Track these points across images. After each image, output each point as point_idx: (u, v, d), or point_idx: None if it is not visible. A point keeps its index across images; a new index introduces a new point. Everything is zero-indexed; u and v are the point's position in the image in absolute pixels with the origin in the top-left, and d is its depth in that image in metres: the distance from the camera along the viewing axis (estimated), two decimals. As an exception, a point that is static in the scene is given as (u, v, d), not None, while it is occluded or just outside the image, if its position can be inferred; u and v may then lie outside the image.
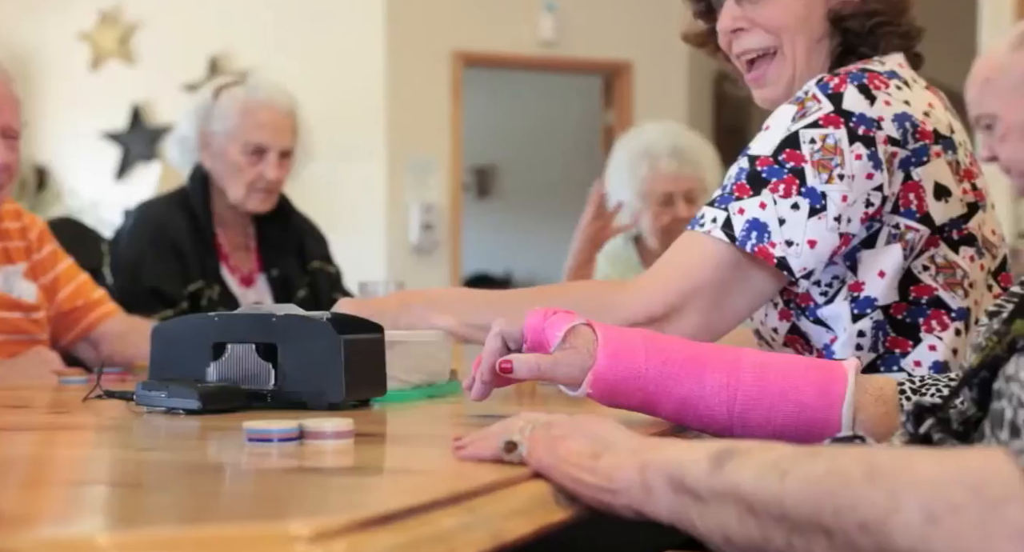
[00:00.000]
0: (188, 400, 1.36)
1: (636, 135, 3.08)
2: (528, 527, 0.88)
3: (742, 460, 0.84)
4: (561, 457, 0.95)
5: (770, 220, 1.46)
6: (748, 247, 1.46)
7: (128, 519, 0.82)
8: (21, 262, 2.22)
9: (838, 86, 1.49)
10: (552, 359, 1.25)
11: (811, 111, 1.49)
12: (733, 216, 1.48)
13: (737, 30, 1.64)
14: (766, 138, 1.51)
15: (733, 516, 0.83)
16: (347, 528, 0.74)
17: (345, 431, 1.13)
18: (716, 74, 7.93)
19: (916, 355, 1.50)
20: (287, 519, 0.78)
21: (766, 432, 1.21)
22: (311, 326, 1.44)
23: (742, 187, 1.49)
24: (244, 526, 0.75)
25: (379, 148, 6.56)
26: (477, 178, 9.66)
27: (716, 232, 1.48)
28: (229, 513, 0.84)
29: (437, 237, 6.67)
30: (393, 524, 0.77)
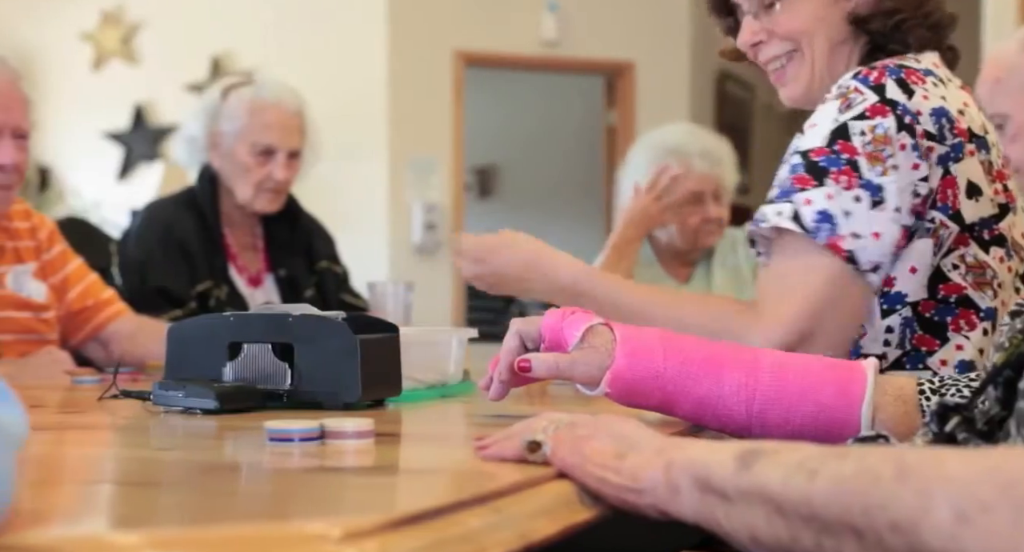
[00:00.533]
0: (205, 400, 1.37)
1: (661, 135, 3.06)
2: (553, 527, 0.88)
3: (769, 460, 0.84)
4: (585, 457, 0.95)
5: (837, 212, 1.45)
6: (821, 239, 1.44)
7: (156, 518, 0.82)
8: (31, 262, 2.22)
9: (878, 78, 1.49)
10: (570, 358, 1.25)
11: (856, 103, 1.48)
12: (800, 207, 1.46)
13: (757, 43, 1.66)
14: (815, 133, 1.50)
15: (760, 516, 0.83)
16: (378, 528, 0.74)
17: (366, 431, 1.13)
18: (718, 74, 7.94)
19: (943, 354, 1.50)
20: (317, 519, 0.78)
21: (785, 432, 1.21)
22: (327, 326, 1.45)
23: (802, 179, 1.47)
24: (274, 526, 0.75)
25: (381, 148, 6.56)
26: (478, 178, 9.66)
27: (786, 223, 1.46)
28: (257, 512, 0.84)
29: (439, 237, 6.67)
30: (422, 524, 0.77)
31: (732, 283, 3.07)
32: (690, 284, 3.10)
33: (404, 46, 6.62)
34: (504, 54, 6.96)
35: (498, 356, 1.35)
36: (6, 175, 2.08)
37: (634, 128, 7.18)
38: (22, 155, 2.11)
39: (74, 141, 6.91)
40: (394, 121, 6.59)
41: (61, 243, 2.30)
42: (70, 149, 6.95)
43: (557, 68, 7.25)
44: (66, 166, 7.02)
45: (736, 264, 3.10)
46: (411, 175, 6.63)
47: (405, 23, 6.63)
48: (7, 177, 2.09)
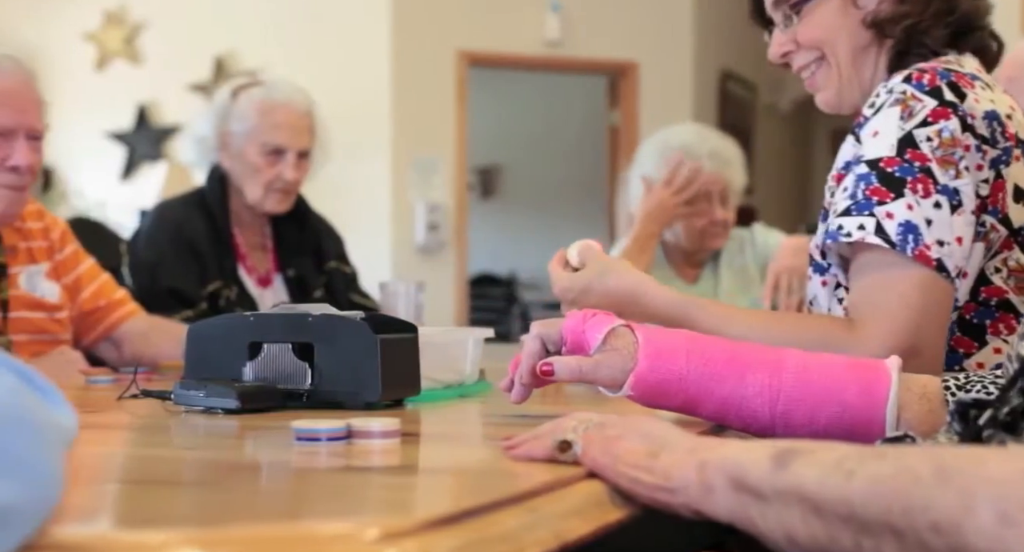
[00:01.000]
0: (227, 399, 1.37)
1: (670, 134, 3.06)
2: (587, 527, 0.88)
3: (805, 459, 0.84)
4: (617, 456, 0.95)
5: (919, 222, 1.43)
6: (908, 251, 1.42)
7: (192, 518, 0.82)
8: (44, 262, 2.22)
9: (931, 82, 1.49)
10: (593, 361, 1.25)
11: (917, 110, 1.47)
12: (883, 221, 1.43)
13: (786, 54, 1.68)
14: (880, 142, 1.48)
15: (797, 516, 0.83)
16: (417, 528, 0.74)
17: (392, 430, 1.13)
18: (720, 73, 7.94)
19: (980, 357, 1.50)
20: (355, 518, 0.78)
21: (809, 432, 1.21)
22: (347, 326, 1.45)
23: (879, 190, 1.45)
24: (314, 525, 0.75)
25: (384, 148, 6.56)
26: (481, 178, 9.67)
27: (871, 238, 1.44)
28: (294, 512, 0.84)
29: (442, 237, 6.67)
30: (460, 524, 0.77)
31: (739, 283, 3.08)
32: (698, 285, 3.10)
33: (407, 46, 6.62)
34: (507, 54, 6.97)
35: (518, 358, 1.35)
36: (20, 176, 2.09)
37: (637, 128, 7.18)
38: (36, 156, 2.11)
39: (77, 141, 6.91)
40: (397, 121, 6.60)
41: (73, 243, 2.30)
42: (73, 149, 6.95)
43: (560, 68, 7.25)
44: (69, 166, 7.02)
45: (743, 265, 3.10)
46: (414, 175, 6.64)
47: (408, 23, 6.63)
48: (21, 178, 2.09)
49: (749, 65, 8.50)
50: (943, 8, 1.58)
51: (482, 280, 9.05)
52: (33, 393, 0.69)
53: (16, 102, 2.07)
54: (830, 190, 1.59)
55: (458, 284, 6.74)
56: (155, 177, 6.72)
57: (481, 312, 8.30)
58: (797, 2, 1.64)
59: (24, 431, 0.65)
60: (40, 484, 0.65)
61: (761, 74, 8.79)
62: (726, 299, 3.04)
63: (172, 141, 7.01)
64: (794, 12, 1.65)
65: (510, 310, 9.13)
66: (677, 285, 3.07)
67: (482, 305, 8.53)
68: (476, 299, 7.92)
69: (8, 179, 2.08)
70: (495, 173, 9.92)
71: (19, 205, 2.14)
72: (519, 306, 9.30)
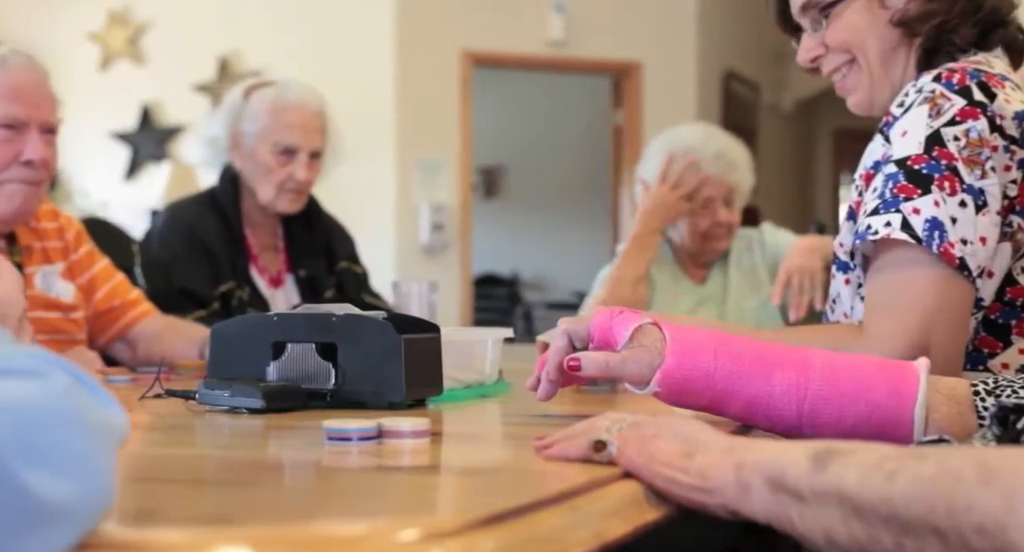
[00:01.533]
0: (252, 399, 1.37)
1: (675, 136, 3.05)
2: (625, 527, 0.88)
3: (845, 460, 0.84)
4: (652, 456, 0.96)
5: (945, 219, 1.43)
6: (934, 247, 1.42)
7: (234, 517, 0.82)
8: (59, 262, 2.22)
9: (961, 81, 1.49)
10: (620, 357, 1.25)
11: (945, 109, 1.47)
12: (909, 217, 1.43)
13: (816, 58, 1.68)
14: (908, 141, 1.48)
15: (837, 516, 0.83)
16: (461, 528, 0.74)
17: (422, 430, 1.13)
18: (724, 74, 7.94)
19: (1005, 357, 1.50)
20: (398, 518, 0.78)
21: (836, 432, 1.21)
22: (371, 326, 1.45)
23: (906, 188, 1.45)
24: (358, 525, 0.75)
25: (389, 148, 6.56)
26: (484, 178, 9.67)
27: (897, 233, 1.43)
28: (335, 511, 0.84)
29: (447, 237, 6.68)
30: (504, 524, 0.77)
31: (749, 283, 3.07)
32: (706, 285, 3.10)
33: (411, 46, 6.63)
34: (511, 54, 6.97)
35: (544, 357, 1.35)
36: (35, 171, 2.08)
37: (641, 128, 7.19)
38: (51, 151, 2.11)
39: (81, 141, 6.91)
40: (402, 121, 6.60)
41: (88, 243, 2.30)
42: (77, 149, 6.94)
43: (564, 68, 7.26)
44: (73, 166, 7.02)
45: (753, 265, 3.10)
46: (419, 175, 6.64)
47: (412, 23, 6.63)
48: (36, 173, 2.08)
49: (752, 65, 8.51)
50: (970, 6, 1.58)
51: (485, 280, 9.05)
52: (85, 392, 0.69)
53: (29, 96, 2.06)
54: (857, 188, 1.59)
55: (462, 284, 6.74)
56: (159, 177, 6.72)
57: (484, 312, 8.31)
58: (825, 5, 1.63)
59: (79, 430, 0.66)
60: (95, 483, 0.66)
61: (764, 74, 8.80)
62: (735, 299, 3.04)
63: (176, 141, 7.02)
64: (823, 16, 1.64)
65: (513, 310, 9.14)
66: (685, 286, 3.07)
67: (485, 305, 8.53)
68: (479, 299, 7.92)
69: (23, 174, 2.07)
70: (498, 173, 9.92)
71: (35, 200, 2.13)
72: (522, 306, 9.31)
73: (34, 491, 0.60)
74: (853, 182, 1.62)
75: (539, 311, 9.21)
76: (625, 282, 2.75)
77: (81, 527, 0.64)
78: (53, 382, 0.67)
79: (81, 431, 0.66)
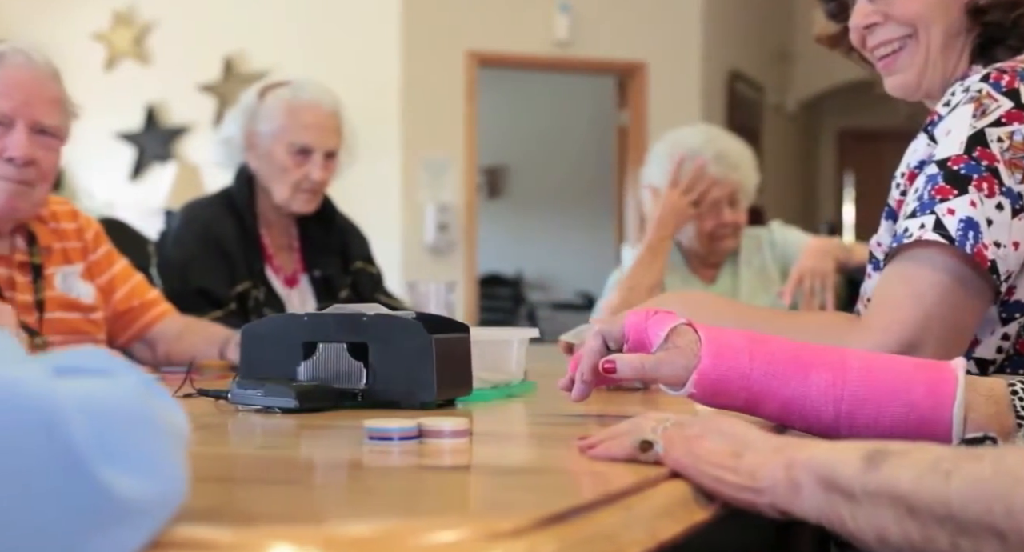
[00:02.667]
0: (285, 399, 1.37)
1: (677, 139, 3.06)
2: (677, 527, 0.88)
3: (899, 460, 0.84)
4: (700, 456, 0.96)
5: (981, 220, 1.41)
6: (968, 248, 1.40)
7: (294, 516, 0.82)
8: (78, 263, 2.22)
9: (1010, 83, 1.47)
10: (656, 359, 1.25)
11: (991, 109, 1.45)
12: (943, 217, 1.41)
13: (871, 25, 1.63)
14: (950, 141, 1.46)
15: (890, 516, 0.83)
16: (526, 528, 0.74)
17: (462, 430, 1.13)
18: (729, 75, 7.95)
19: None
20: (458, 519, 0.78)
21: (874, 432, 1.20)
22: (402, 325, 1.45)
23: (943, 189, 1.43)
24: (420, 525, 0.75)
25: (394, 148, 6.56)
26: (488, 178, 9.67)
27: (929, 234, 1.41)
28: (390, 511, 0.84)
29: (452, 237, 6.68)
30: (564, 524, 0.77)
31: (759, 282, 3.08)
32: (716, 284, 3.10)
33: (417, 46, 6.63)
34: (516, 55, 6.97)
35: (577, 357, 1.35)
36: (19, 169, 2.02)
37: (646, 128, 7.19)
38: (42, 152, 2.04)
39: (86, 141, 6.90)
40: (407, 121, 6.60)
41: (107, 244, 2.30)
42: (82, 149, 6.94)
43: (569, 68, 7.26)
44: (78, 166, 7.02)
45: (763, 263, 3.10)
46: (424, 175, 6.64)
47: (418, 24, 6.63)
48: (21, 172, 2.02)
49: (756, 66, 8.51)
50: None
51: (489, 280, 9.05)
52: (152, 392, 0.70)
53: (18, 93, 2.02)
54: (899, 187, 1.57)
55: (468, 284, 6.74)
56: (164, 177, 6.72)
57: (488, 312, 8.31)
58: None
59: (152, 429, 0.66)
60: (168, 482, 0.66)
61: (768, 75, 8.80)
62: (746, 298, 3.04)
63: (181, 141, 7.02)
64: None
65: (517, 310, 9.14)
66: (695, 285, 3.07)
67: (489, 305, 8.53)
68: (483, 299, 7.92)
69: (5, 171, 2.01)
70: (502, 173, 9.92)
71: (21, 200, 2.05)
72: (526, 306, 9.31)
73: (112, 489, 0.60)
74: (894, 180, 1.60)
75: (543, 311, 9.21)
76: (640, 289, 2.75)
77: (154, 525, 0.64)
78: (123, 381, 0.67)
79: (154, 430, 0.66)
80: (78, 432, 0.59)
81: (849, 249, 2.97)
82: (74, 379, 0.63)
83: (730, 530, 1.05)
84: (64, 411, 0.60)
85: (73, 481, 0.59)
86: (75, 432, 0.59)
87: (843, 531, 0.88)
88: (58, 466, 0.58)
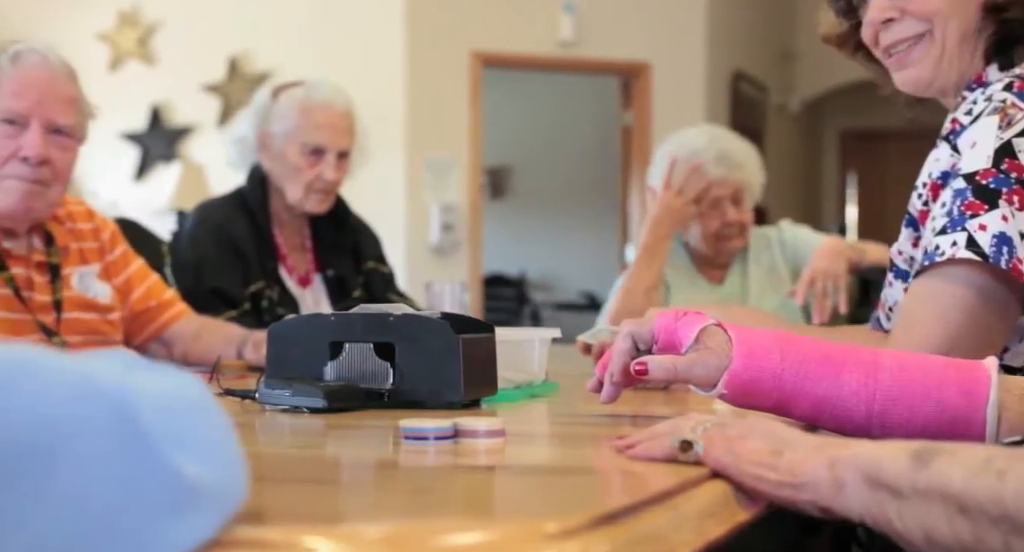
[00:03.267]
0: (313, 399, 1.37)
1: (679, 140, 3.06)
2: (722, 527, 0.88)
3: (949, 459, 0.84)
4: (740, 456, 0.96)
5: (1014, 234, 1.39)
6: (1003, 263, 1.38)
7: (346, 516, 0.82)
8: (95, 263, 2.22)
9: None
10: (688, 360, 1.25)
11: (1016, 119, 1.44)
12: (975, 234, 1.40)
13: (887, 21, 1.62)
14: (977, 154, 1.45)
15: (940, 515, 0.83)
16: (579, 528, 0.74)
17: (497, 430, 1.13)
18: (732, 75, 7.95)
19: None
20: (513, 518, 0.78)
21: (907, 432, 1.20)
22: (429, 325, 1.45)
23: (973, 204, 1.41)
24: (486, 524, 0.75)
25: (399, 149, 6.56)
26: (491, 178, 9.67)
27: (962, 252, 1.40)
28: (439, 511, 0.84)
29: (457, 237, 6.68)
30: (615, 524, 0.77)
31: (769, 282, 3.07)
32: (724, 285, 3.10)
33: (421, 47, 6.63)
34: (521, 55, 6.97)
35: (605, 359, 1.35)
36: (34, 169, 2.01)
37: (650, 129, 7.19)
38: (56, 152, 2.05)
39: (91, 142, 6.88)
40: (412, 122, 6.60)
41: (123, 244, 2.30)
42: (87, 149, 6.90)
43: (573, 69, 7.26)
44: (83, 167, 6.99)
45: (772, 263, 3.10)
46: (428, 176, 6.64)
47: (422, 24, 6.63)
48: (36, 172, 2.02)
49: (760, 66, 8.51)
50: None
51: (492, 280, 9.05)
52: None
53: (32, 92, 2.02)
54: (921, 197, 1.56)
55: (472, 284, 6.74)
56: (169, 177, 6.72)
57: (492, 312, 8.30)
58: None
59: (216, 420, 0.67)
60: (234, 471, 0.66)
61: (771, 75, 8.81)
62: (756, 298, 3.04)
63: (186, 141, 7.02)
64: None
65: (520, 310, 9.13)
66: (702, 287, 3.07)
67: (493, 306, 8.53)
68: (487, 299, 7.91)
69: (19, 170, 2.01)
70: (505, 173, 9.92)
71: (36, 200, 2.05)
72: (530, 306, 9.31)
73: (183, 474, 0.60)
74: (915, 190, 1.59)
75: (546, 311, 9.21)
76: (636, 292, 2.75)
77: (223, 514, 0.64)
78: (183, 375, 0.68)
79: (218, 420, 0.67)
80: (149, 420, 0.60)
81: (861, 250, 2.97)
82: (141, 372, 0.64)
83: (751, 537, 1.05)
84: (135, 400, 0.60)
85: (146, 467, 0.59)
86: (146, 420, 0.60)
87: (888, 529, 0.88)
88: (131, 453, 0.59)
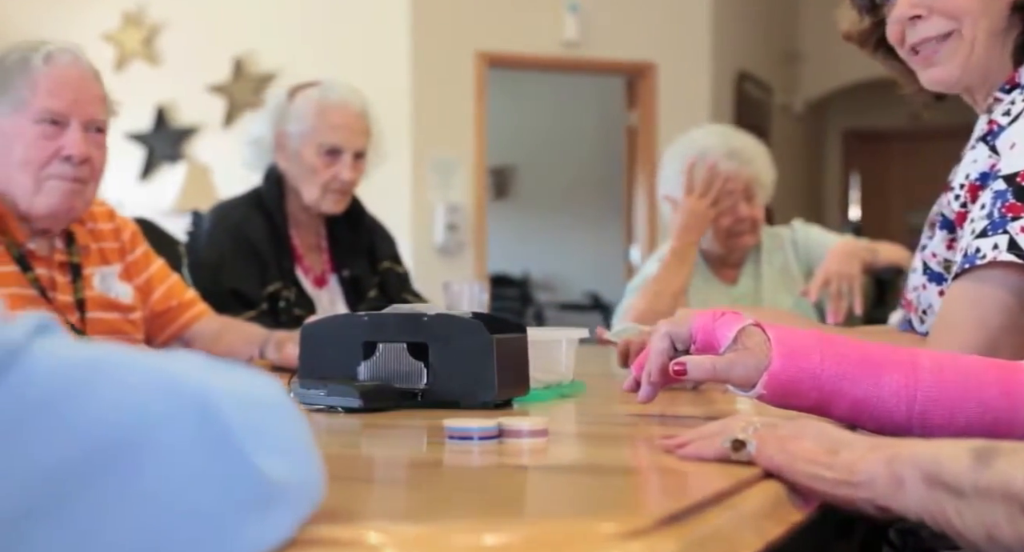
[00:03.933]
0: (349, 398, 1.37)
1: (688, 141, 3.06)
2: (780, 527, 0.88)
3: (1011, 458, 0.84)
4: (794, 455, 0.95)
5: None
6: None
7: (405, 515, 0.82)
8: (116, 263, 2.22)
9: None
10: (727, 360, 1.25)
11: None
12: (1016, 236, 1.39)
13: (914, 18, 1.60)
14: (1017, 154, 1.44)
15: (1002, 514, 0.83)
16: (646, 528, 0.73)
17: (540, 429, 1.13)
18: (737, 75, 7.95)
19: None
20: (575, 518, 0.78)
21: (948, 433, 1.20)
22: (462, 325, 1.45)
23: (1014, 206, 1.41)
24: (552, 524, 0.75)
25: (404, 149, 6.56)
26: (495, 179, 9.66)
27: (1004, 255, 1.39)
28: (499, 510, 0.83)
29: (461, 237, 6.67)
30: (680, 524, 0.77)
31: (783, 282, 3.07)
32: (738, 285, 3.10)
33: (426, 47, 6.63)
34: (525, 55, 6.97)
35: (642, 359, 1.35)
36: (75, 168, 2.03)
37: (654, 129, 7.19)
38: (97, 151, 2.07)
39: (96, 142, 6.90)
40: (416, 122, 6.60)
41: (143, 244, 2.30)
42: (92, 150, 6.94)
43: (577, 69, 7.25)
44: (88, 167, 7.01)
45: (785, 262, 3.09)
46: (433, 176, 6.63)
47: (427, 24, 6.63)
48: (77, 170, 2.04)
49: (764, 66, 8.51)
50: None
51: (496, 280, 9.04)
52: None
53: (69, 92, 2.03)
54: (959, 199, 1.55)
55: (477, 285, 6.73)
56: (174, 178, 6.71)
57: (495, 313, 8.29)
58: None
59: (294, 418, 0.67)
60: (312, 470, 0.66)
61: (776, 75, 8.81)
62: (769, 298, 3.04)
63: (191, 142, 7.01)
64: None
65: (524, 311, 9.13)
66: (717, 287, 3.07)
67: (496, 306, 8.53)
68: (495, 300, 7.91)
69: (63, 170, 2.02)
70: (509, 174, 9.91)
71: (77, 199, 2.07)
72: (534, 306, 9.31)
73: (265, 472, 0.60)
74: (953, 191, 1.58)
75: (551, 312, 9.21)
76: (664, 295, 2.75)
77: (303, 512, 0.64)
78: (262, 376, 0.67)
79: (295, 420, 0.67)
80: (232, 418, 0.60)
81: (874, 250, 2.97)
82: (221, 371, 0.64)
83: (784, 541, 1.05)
84: (219, 398, 0.60)
85: (230, 465, 0.59)
86: (229, 418, 0.60)
87: (947, 528, 0.88)
88: (215, 451, 0.59)
